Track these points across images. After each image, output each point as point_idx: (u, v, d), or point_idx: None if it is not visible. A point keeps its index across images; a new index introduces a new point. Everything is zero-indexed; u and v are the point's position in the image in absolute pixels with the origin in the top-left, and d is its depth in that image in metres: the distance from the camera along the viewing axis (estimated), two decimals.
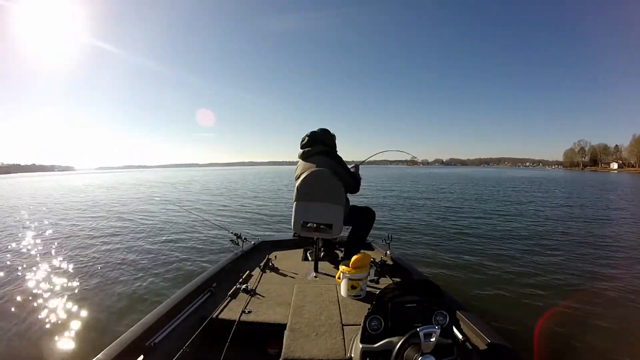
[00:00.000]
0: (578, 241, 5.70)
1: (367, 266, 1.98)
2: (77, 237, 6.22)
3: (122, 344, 1.34)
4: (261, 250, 2.94)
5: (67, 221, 8.25)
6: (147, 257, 4.72)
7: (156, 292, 3.40)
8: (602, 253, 4.95)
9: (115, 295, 3.34)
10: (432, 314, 1.22)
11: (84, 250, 5.19)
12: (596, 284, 3.63)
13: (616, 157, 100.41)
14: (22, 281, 3.80)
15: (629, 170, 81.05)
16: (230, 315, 1.68)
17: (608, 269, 4.19)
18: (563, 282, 3.70)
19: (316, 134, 2.38)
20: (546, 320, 2.74)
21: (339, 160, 2.35)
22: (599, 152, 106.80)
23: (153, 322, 1.53)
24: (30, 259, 4.75)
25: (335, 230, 2.17)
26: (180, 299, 1.77)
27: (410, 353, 1.05)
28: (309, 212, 2.17)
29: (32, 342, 2.52)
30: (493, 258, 4.61)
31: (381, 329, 1.19)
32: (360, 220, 2.48)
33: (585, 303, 3.12)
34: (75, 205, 11.92)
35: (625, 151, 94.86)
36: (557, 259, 4.58)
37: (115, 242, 5.80)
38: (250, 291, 1.94)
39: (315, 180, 2.14)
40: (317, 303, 1.80)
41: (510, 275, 3.89)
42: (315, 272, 2.32)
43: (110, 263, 4.46)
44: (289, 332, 1.50)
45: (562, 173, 58.55)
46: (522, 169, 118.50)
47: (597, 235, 6.24)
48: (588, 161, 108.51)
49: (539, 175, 40.01)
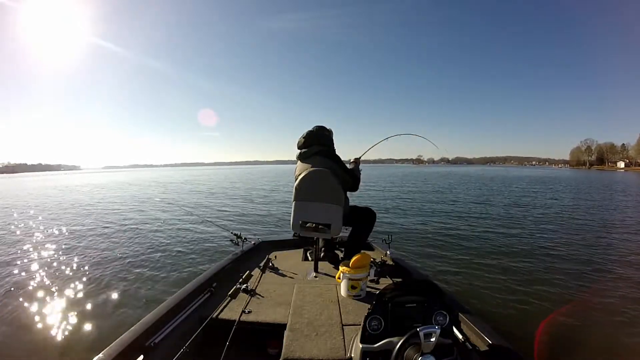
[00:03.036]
0: (582, 243, 5.61)
1: (367, 266, 1.97)
2: (76, 237, 6.26)
3: (122, 344, 1.35)
4: (261, 250, 2.94)
5: (67, 221, 8.32)
6: (147, 257, 4.73)
7: (156, 292, 3.41)
8: (607, 255, 4.86)
9: (115, 295, 3.35)
10: (432, 314, 1.22)
11: (83, 250, 5.22)
12: (599, 287, 3.57)
13: (623, 156, 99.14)
14: (22, 281, 3.83)
15: (636, 169, 79.94)
16: (230, 315, 1.69)
17: (612, 271, 4.11)
18: (565, 283, 3.65)
19: (312, 133, 2.37)
20: (548, 321, 2.71)
21: (337, 159, 2.34)
22: (606, 151, 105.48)
23: (153, 322, 1.53)
24: (30, 259, 4.79)
25: (334, 230, 2.17)
26: (180, 299, 1.78)
27: (410, 353, 1.04)
28: (308, 212, 2.17)
29: (32, 342, 2.54)
30: (493, 258, 4.57)
31: (381, 329, 1.19)
32: (361, 221, 2.47)
33: (588, 305, 3.08)
34: (74, 205, 12.01)
35: (632, 150, 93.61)
36: (560, 260, 4.52)
37: (115, 242, 5.83)
38: (250, 291, 1.94)
39: (314, 180, 2.14)
40: (317, 303, 1.80)
41: (511, 276, 3.85)
42: (315, 272, 2.32)
43: (110, 263, 4.48)
44: (289, 332, 1.50)
45: (569, 172, 57.92)
46: (528, 168, 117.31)
47: (601, 237, 6.14)
48: (595, 160, 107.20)
49: (545, 174, 39.60)
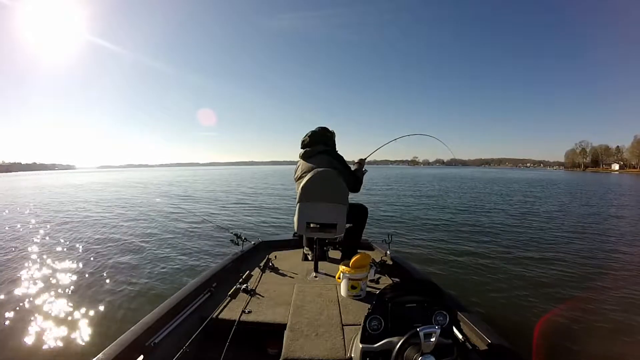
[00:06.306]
0: (580, 243, 5.68)
1: (367, 266, 1.98)
2: (76, 237, 6.22)
3: (122, 344, 1.34)
4: (261, 250, 2.94)
5: (67, 221, 8.25)
6: (147, 257, 4.72)
7: (156, 292, 3.40)
8: (604, 255, 4.93)
9: (115, 295, 3.34)
10: (432, 314, 1.22)
11: (83, 250, 5.19)
12: (597, 286, 3.62)
13: (617, 158, 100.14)
14: (21, 281, 3.80)
15: (630, 171, 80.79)
16: (230, 315, 1.68)
17: (609, 271, 4.17)
18: (563, 283, 3.70)
19: (316, 133, 2.38)
20: (546, 321, 2.74)
21: (340, 159, 2.35)
22: (600, 153, 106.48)
23: (153, 322, 1.53)
24: (29, 259, 4.74)
25: (339, 229, 2.17)
26: (180, 299, 1.77)
27: (410, 353, 1.04)
28: (314, 212, 2.15)
29: (32, 342, 2.52)
30: (493, 258, 4.61)
31: (381, 329, 1.19)
32: (357, 218, 2.48)
33: (585, 305, 3.11)
34: (74, 205, 11.92)
35: (626, 152, 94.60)
36: (558, 261, 4.57)
37: (115, 241, 5.80)
38: (250, 291, 1.94)
39: (322, 181, 2.13)
40: (317, 303, 1.80)
41: (511, 276, 3.88)
42: (315, 272, 2.32)
43: (110, 263, 4.46)
44: (289, 332, 1.50)
45: (564, 174, 58.38)
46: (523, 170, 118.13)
47: (599, 238, 6.21)
48: (589, 162, 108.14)
49: (540, 177, 39.88)
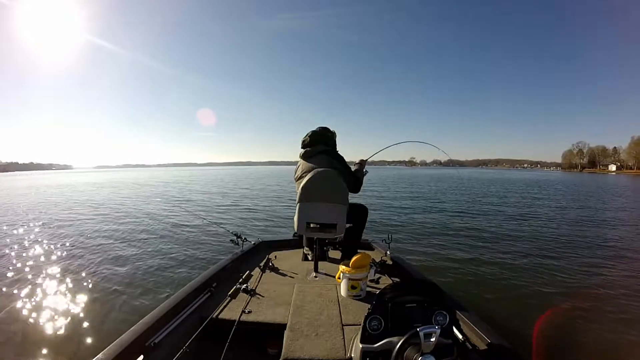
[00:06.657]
0: (578, 243, 5.71)
1: (367, 266, 1.98)
2: (76, 237, 6.19)
3: (122, 344, 1.34)
4: (261, 250, 2.94)
5: (66, 221, 8.21)
6: (146, 257, 4.70)
7: (156, 292, 3.39)
8: (602, 254, 4.96)
9: (114, 295, 3.33)
10: (432, 314, 1.22)
11: (83, 251, 5.16)
12: (596, 285, 3.64)
13: (614, 159, 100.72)
14: (21, 281, 3.77)
15: (627, 172, 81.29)
16: (230, 315, 1.69)
17: (608, 270, 4.20)
18: (562, 282, 3.72)
19: (317, 133, 2.38)
20: (545, 320, 2.75)
21: (341, 159, 2.35)
22: (598, 154, 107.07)
23: (153, 322, 1.53)
24: (28, 259, 4.72)
25: (339, 229, 2.18)
26: (180, 299, 1.77)
27: (410, 353, 1.05)
28: (315, 213, 2.15)
29: (32, 342, 2.50)
30: (493, 258, 4.62)
31: (381, 329, 1.19)
32: (357, 218, 2.48)
33: (584, 303, 3.13)
34: (73, 205, 11.86)
35: (623, 153, 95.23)
36: (557, 260, 4.59)
37: (115, 241, 5.78)
38: (250, 291, 1.94)
39: (322, 181, 2.12)
40: (317, 303, 1.81)
41: (511, 276, 3.90)
42: (315, 272, 2.33)
43: (110, 263, 4.44)
44: (289, 332, 1.50)
45: (561, 175, 58.64)
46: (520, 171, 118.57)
47: (597, 237, 6.25)
48: (586, 163, 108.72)
49: (538, 177, 40.05)
